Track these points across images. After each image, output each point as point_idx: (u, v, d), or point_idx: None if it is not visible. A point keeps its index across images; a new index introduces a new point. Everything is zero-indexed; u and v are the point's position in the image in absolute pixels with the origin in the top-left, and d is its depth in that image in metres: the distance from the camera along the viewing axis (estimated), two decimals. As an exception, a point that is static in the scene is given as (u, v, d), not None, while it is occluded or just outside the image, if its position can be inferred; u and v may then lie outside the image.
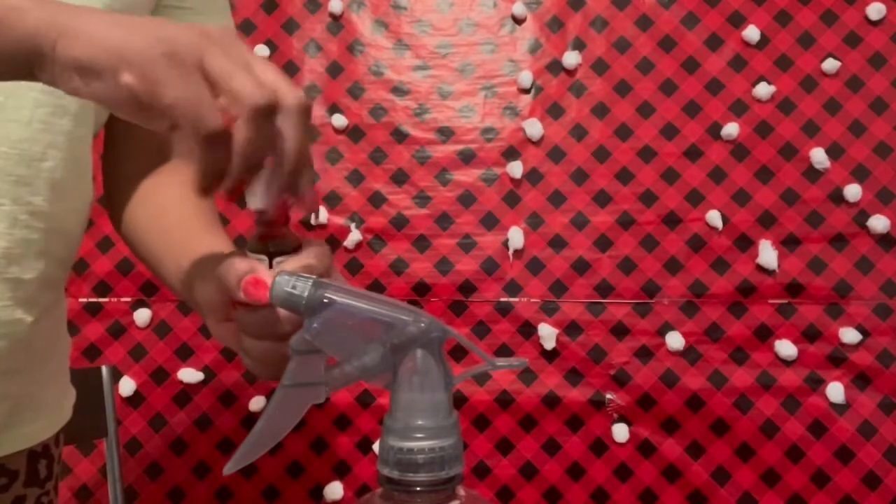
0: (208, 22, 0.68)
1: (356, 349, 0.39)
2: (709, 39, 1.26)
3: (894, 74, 1.23)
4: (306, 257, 0.46)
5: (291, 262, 0.45)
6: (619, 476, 1.20)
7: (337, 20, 1.33)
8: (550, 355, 1.22)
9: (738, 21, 1.26)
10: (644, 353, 1.21)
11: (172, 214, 0.63)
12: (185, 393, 1.26)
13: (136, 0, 0.59)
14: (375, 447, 1.22)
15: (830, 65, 1.23)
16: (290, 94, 0.41)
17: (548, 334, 1.21)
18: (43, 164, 0.55)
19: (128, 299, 1.28)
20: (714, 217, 1.22)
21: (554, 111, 1.28)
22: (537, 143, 1.27)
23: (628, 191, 1.25)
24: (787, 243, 1.21)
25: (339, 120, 1.29)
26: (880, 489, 1.15)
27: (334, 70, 1.31)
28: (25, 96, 0.53)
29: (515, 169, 1.26)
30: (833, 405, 1.17)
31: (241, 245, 0.51)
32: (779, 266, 1.20)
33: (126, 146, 0.69)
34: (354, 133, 1.30)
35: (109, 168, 0.70)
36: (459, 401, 1.22)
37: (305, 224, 1.28)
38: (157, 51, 0.39)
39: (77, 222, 0.62)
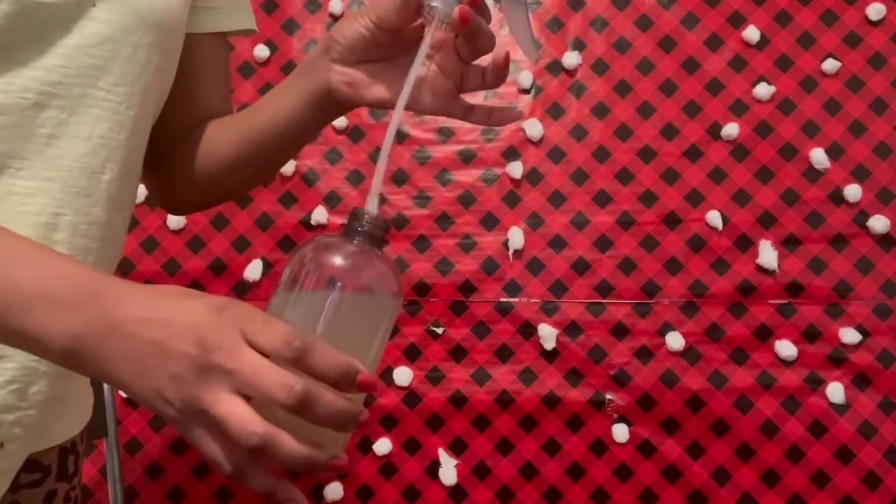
0: (236, 22, 0.72)
1: None
2: (709, 39, 1.26)
3: (894, 74, 1.23)
4: None
5: None
6: (619, 476, 1.20)
7: (337, 20, 1.33)
8: (550, 355, 1.22)
9: (738, 21, 1.26)
10: (644, 354, 1.21)
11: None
12: (185, 393, 1.26)
13: (167, 15, 0.61)
14: (375, 447, 1.22)
15: (830, 65, 1.23)
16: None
17: (548, 334, 1.21)
18: (102, 177, 0.58)
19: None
20: (714, 217, 1.22)
21: (554, 111, 1.28)
22: (537, 144, 1.27)
23: (628, 191, 1.25)
24: (787, 243, 1.21)
25: (338, 120, 1.29)
26: (880, 489, 1.15)
27: (334, 70, 1.31)
28: (87, 113, 0.56)
29: (515, 169, 1.26)
30: (833, 405, 1.17)
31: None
32: (779, 266, 1.20)
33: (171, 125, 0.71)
34: (354, 133, 1.30)
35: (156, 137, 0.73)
36: (459, 401, 1.22)
37: (305, 224, 1.28)
38: (170, 411, 0.42)
39: (126, 228, 0.66)
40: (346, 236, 0.47)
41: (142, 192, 1.31)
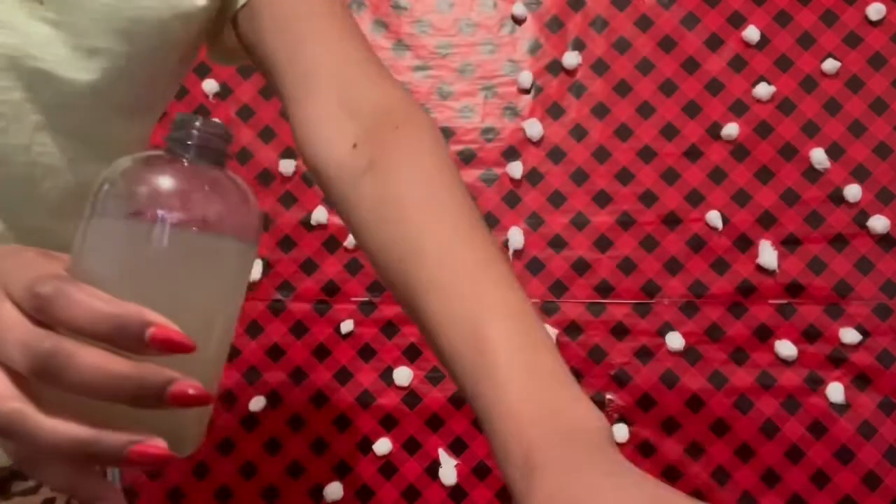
0: None
1: None
2: (709, 39, 1.26)
3: (894, 74, 1.23)
4: None
5: None
6: (619, 476, 1.20)
7: (337, 20, 1.33)
8: (550, 355, 1.22)
9: (738, 21, 1.26)
10: (644, 354, 1.21)
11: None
12: (185, 393, 1.26)
13: (135, 17, 0.55)
14: (375, 447, 1.22)
15: (830, 65, 1.23)
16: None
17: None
18: (43, 185, 0.54)
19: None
20: (714, 217, 1.22)
21: (554, 111, 1.28)
22: (537, 144, 1.27)
23: (628, 191, 1.25)
24: (787, 243, 1.21)
25: (339, 120, 1.29)
26: (880, 489, 1.15)
27: (334, 70, 1.31)
28: (27, 120, 0.52)
29: (515, 169, 1.26)
30: (833, 405, 1.17)
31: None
32: (779, 266, 1.20)
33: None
34: (354, 133, 1.30)
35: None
36: (459, 401, 1.22)
37: (305, 224, 1.28)
38: None
39: None
40: (171, 151, 0.36)
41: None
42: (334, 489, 1.23)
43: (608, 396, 1.21)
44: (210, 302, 0.36)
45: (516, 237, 1.24)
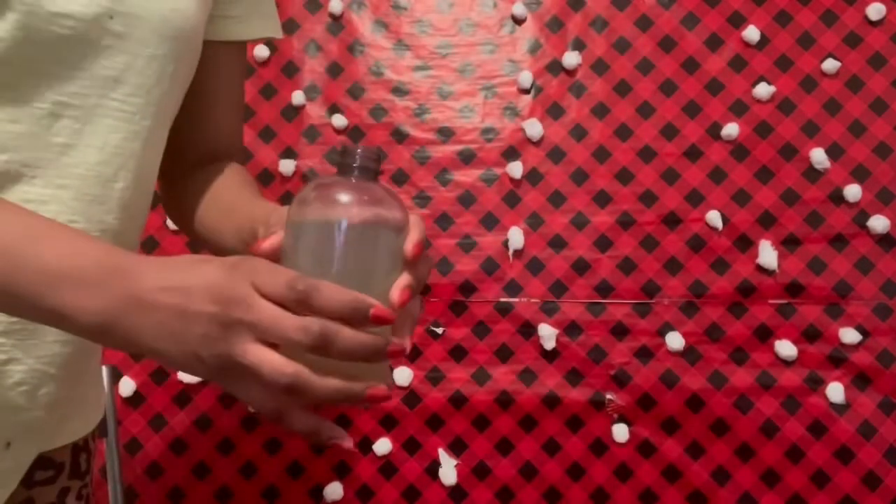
0: (254, 30, 0.72)
1: None
2: (709, 39, 1.26)
3: (894, 74, 1.23)
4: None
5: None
6: (619, 476, 1.20)
7: (337, 20, 1.33)
8: (550, 355, 1.22)
9: (738, 21, 1.26)
10: (644, 354, 1.21)
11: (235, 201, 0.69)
12: (185, 393, 1.26)
13: (183, 26, 0.61)
14: (375, 447, 1.22)
15: (830, 65, 1.23)
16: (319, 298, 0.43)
17: (548, 334, 1.21)
18: (115, 185, 0.59)
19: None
20: (714, 217, 1.22)
21: (554, 111, 1.28)
22: (537, 144, 1.27)
23: (628, 191, 1.25)
24: (787, 243, 1.21)
25: (339, 120, 1.29)
26: (880, 489, 1.15)
27: (334, 70, 1.31)
28: (101, 122, 0.57)
29: (515, 169, 1.26)
30: (833, 405, 1.17)
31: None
32: (779, 266, 1.20)
33: (183, 151, 0.73)
34: (354, 133, 1.30)
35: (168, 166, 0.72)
36: (459, 401, 1.22)
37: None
38: (207, 369, 0.44)
39: (139, 236, 0.67)
40: (341, 174, 0.49)
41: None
42: (334, 489, 1.23)
43: (608, 396, 1.21)
44: (387, 280, 0.48)
45: (516, 237, 1.24)
